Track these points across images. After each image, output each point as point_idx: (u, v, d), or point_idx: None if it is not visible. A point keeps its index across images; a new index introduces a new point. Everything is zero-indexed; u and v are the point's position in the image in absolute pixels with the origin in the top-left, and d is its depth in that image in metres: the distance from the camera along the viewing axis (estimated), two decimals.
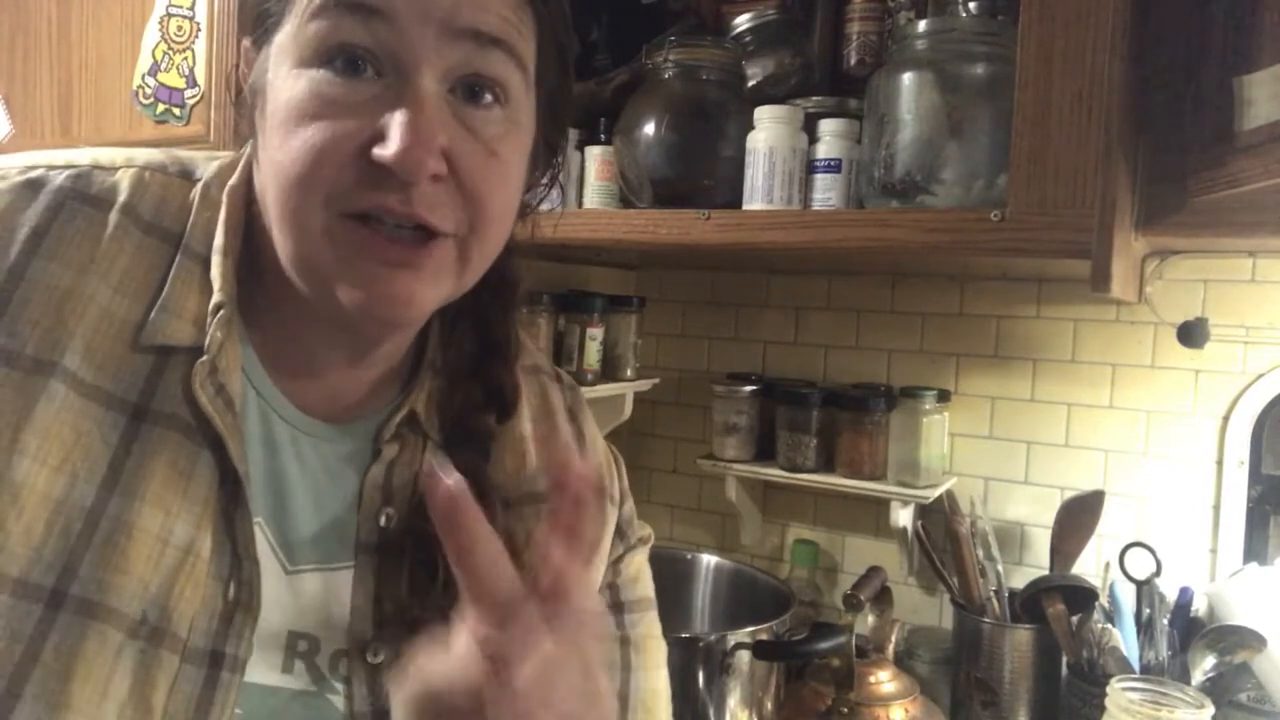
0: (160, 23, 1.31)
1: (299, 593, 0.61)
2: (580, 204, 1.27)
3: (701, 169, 1.16)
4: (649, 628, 0.81)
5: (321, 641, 0.61)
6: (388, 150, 0.51)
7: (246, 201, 0.61)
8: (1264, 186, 0.82)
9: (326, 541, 0.62)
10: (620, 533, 0.79)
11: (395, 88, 0.53)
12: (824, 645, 1.12)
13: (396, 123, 0.52)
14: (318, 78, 0.53)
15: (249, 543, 0.57)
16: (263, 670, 0.58)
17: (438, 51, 0.53)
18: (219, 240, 0.59)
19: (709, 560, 1.46)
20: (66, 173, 0.59)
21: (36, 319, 0.54)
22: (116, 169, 0.61)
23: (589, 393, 1.43)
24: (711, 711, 1.10)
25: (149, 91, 1.33)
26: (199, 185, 0.62)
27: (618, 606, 0.80)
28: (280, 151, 0.54)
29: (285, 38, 0.55)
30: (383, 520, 0.63)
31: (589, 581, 0.75)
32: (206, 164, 0.64)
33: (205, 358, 0.57)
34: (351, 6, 0.52)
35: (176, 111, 1.32)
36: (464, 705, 0.46)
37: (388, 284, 0.55)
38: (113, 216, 0.58)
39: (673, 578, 1.45)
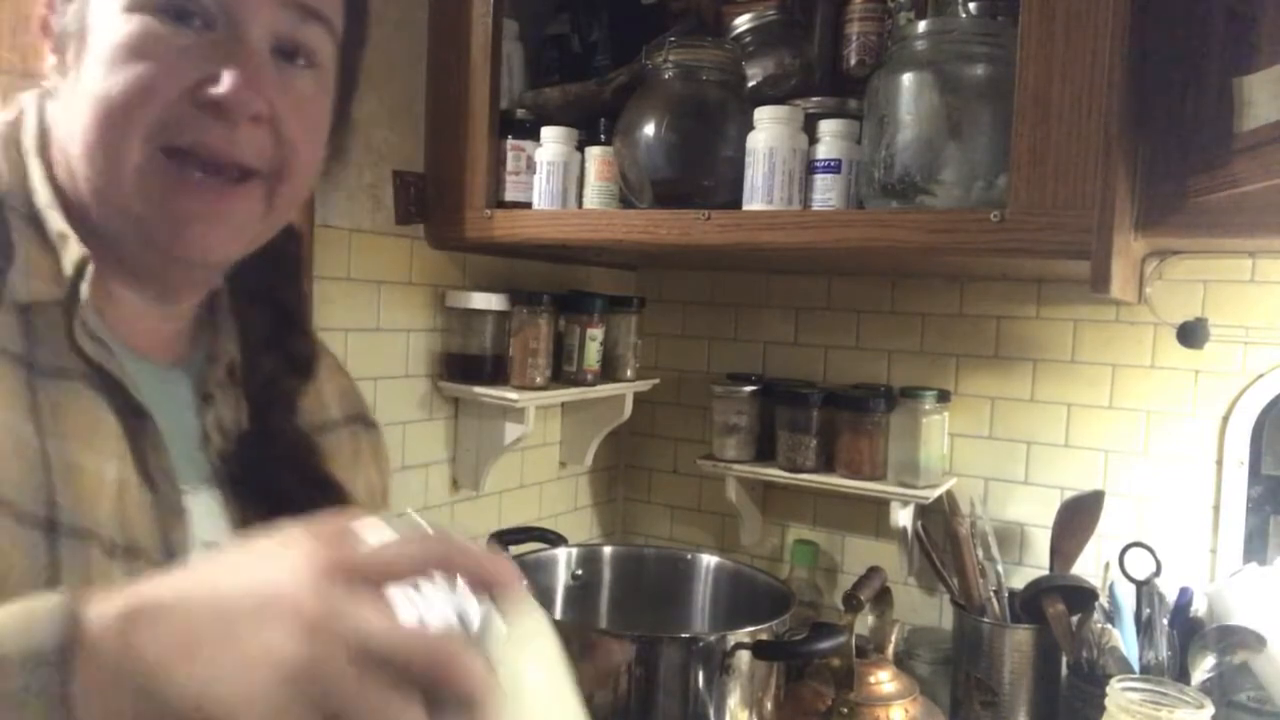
0: None
1: (200, 510, 0.64)
2: (580, 204, 1.27)
3: (701, 169, 1.15)
4: None
5: None
6: (220, 89, 0.56)
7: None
8: (1264, 187, 0.82)
9: (196, 469, 0.65)
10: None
11: (225, 42, 0.58)
12: (824, 645, 1.12)
13: (229, 68, 0.57)
14: (150, 21, 0.56)
15: (166, 470, 0.60)
16: None
17: (266, 16, 0.59)
18: (45, 196, 0.60)
19: (709, 560, 1.45)
20: None
21: None
22: None
23: (589, 393, 1.43)
24: (711, 711, 1.10)
25: None
26: None
27: None
28: (103, 85, 0.56)
29: None
30: (225, 457, 0.67)
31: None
32: None
33: (80, 315, 0.58)
34: None
35: None
36: None
37: (195, 232, 0.59)
38: None
39: (673, 578, 1.45)
